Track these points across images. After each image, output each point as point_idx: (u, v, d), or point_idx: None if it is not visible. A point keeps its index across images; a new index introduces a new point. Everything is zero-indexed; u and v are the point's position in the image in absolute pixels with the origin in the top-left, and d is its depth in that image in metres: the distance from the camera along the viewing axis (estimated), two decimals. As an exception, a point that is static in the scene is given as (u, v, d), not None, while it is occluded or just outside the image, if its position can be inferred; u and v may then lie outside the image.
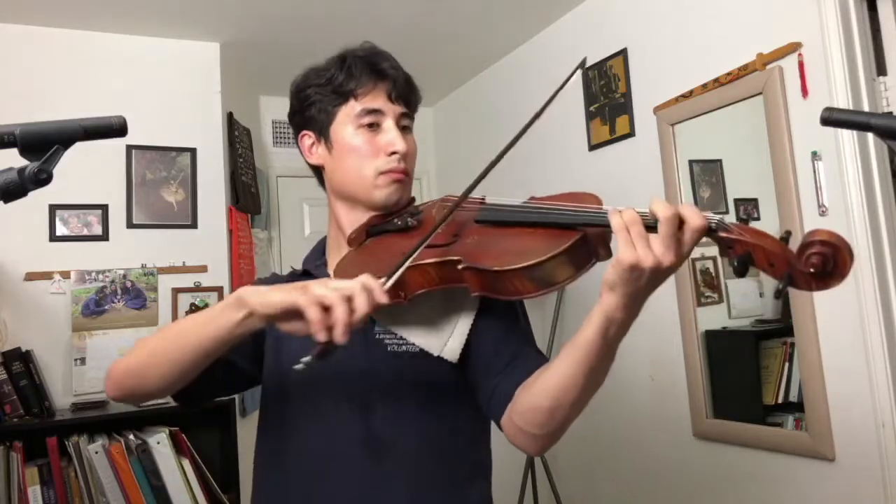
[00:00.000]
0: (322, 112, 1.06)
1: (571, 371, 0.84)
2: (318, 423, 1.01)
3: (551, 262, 0.79)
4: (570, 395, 0.85)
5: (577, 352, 0.82)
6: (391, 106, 1.04)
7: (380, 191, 1.04)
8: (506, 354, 0.98)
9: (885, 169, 1.87)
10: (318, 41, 2.99)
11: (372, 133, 1.04)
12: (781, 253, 0.72)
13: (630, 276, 0.75)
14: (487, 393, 0.98)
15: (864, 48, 1.89)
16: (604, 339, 0.80)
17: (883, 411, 1.77)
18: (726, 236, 0.74)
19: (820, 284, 0.72)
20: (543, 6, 2.82)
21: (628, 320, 0.80)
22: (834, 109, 0.80)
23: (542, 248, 0.80)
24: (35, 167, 0.67)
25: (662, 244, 0.74)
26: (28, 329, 2.49)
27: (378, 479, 0.97)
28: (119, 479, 2.20)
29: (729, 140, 2.30)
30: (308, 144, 1.10)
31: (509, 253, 0.83)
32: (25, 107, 2.52)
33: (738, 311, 2.31)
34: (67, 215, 2.63)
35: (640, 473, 2.59)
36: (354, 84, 1.03)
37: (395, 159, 1.03)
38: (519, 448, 0.96)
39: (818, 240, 0.69)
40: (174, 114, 2.84)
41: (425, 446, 0.99)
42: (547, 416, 0.88)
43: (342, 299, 0.77)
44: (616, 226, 0.75)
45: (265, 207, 3.45)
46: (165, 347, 0.94)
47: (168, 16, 2.68)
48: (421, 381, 0.99)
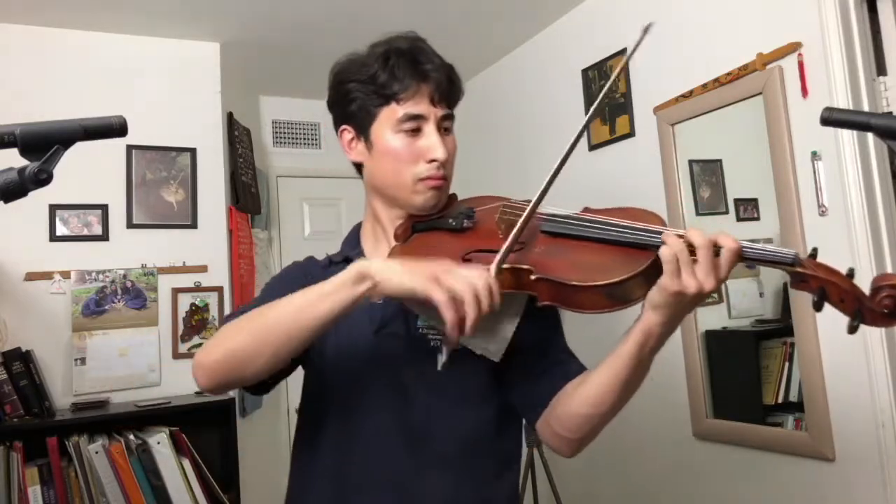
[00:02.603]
0: (363, 110, 1.05)
1: (610, 381, 0.90)
2: (359, 410, 1.03)
3: (630, 282, 0.84)
4: (607, 403, 0.91)
5: (617, 364, 0.88)
6: (433, 109, 1.03)
7: (418, 196, 1.04)
8: (546, 360, 1.03)
9: (885, 169, 1.87)
10: (319, 41, 3.01)
11: (413, 138, 1.03)
12: (852, 291, 0.79)
13: (674, 300, 0.81)
14: (524, 395, 1.03)
15: (864, 48, 1.89)
16: (642, 352, 0.87)
17: (883, 411, 1.77)
18: (802, 271, 0.81)
19: (888, 323, 0.79)
20: (543, 6, 2.82)
21: (666, 336, 0.87)
22: (834, 109, 0.80)
23: (620, 266, 0.84)
24: (35, 167, 0.67)
25: (703, 270, 0.80)
26: (28, 329, 2.49)
27: (414, 469, 1.00)
28: (119, 479, 2.20)
29: (729, 140, 2.30)
30: (348, 139, 1.09)
31: (584, 268, 0.86)
32: (25, 107, 2.52)
33: (738, 311, 2.31)
34: (67, 215, 2.63)
35: (639, 473, 2.59)
36: (398, 87, 1.01)
37: (435, 166, 1.03)
38: (553, 450, 1.02)
39: (890, 283, 0.77)
40: (174, 114, 2.84)
41: (461, 439, 1.02)
42: (584, 422, 0.95)
43: (474, 297, 0.79)
44: (665, 256, 0.80)
45: (265, 207, 3.45)
46: (278, 327, 0.89)
47: (168, 16, 2.68)
48: (459, 377, 1.01)
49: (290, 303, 0.89)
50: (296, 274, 1.13)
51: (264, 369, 0.92)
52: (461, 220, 1.03)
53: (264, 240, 3.44)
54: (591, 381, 0.93)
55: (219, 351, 0.93)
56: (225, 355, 0.92)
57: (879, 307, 0.77)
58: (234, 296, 2.89)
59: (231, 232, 2.93)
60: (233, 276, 2.89)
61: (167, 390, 2.65)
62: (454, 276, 0.81)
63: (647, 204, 1.01)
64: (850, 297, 0.79)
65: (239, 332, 0.92)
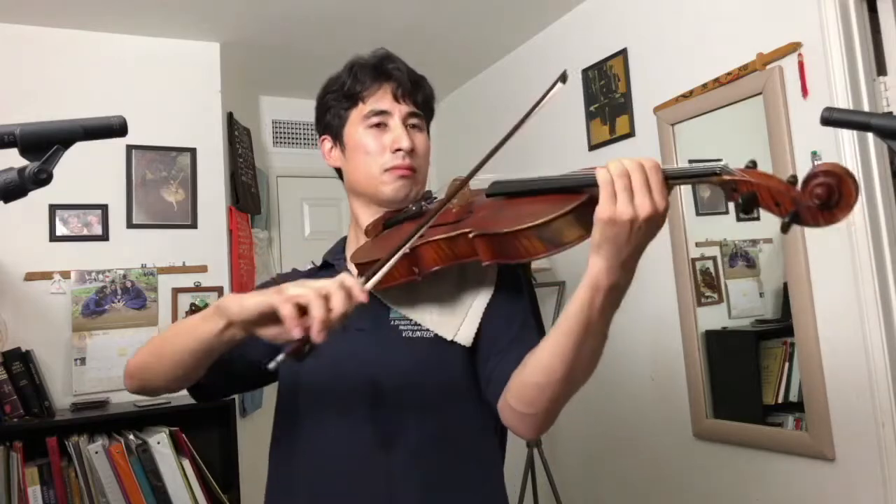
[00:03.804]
0: (336, 116, 1.12)
1: (560, 344, 0.83)
2: (331, 408, 1.02)
3: (558, 222, 0.80)
4: (560, 370, 0.84)
5: (566, 324, 0.82)
6: (397, 105, 1.09)
7: (386, 186, 1.07)
8: (508, 335, 0.99)
9: (885, 169, 1.87)
10: (318, 41, 3.01)
11: (379, 132, 1.08)
12: (786, 191, 0.72)
13: (612, 231, 0.75)
14: (487, 374, 0.98)
15: (864, 48, 1.89)
16: (591, 308, 0.79)
17: (883, 411, 1.77)
18: (730, 179, 0.75)
19: (827, 217, 0.70)
20: (543, 6, 2.82)
21: (616, 289, 0.79)
22: (834, 109, 0.79)
23: (550, 209, 0.82)
24: (35, 167, 0.67)
25: (639, 194, 0.74)
26: (28, 329, 2.49)
27: (389, 471, 0.98)
28: (119, 479, 2.20)
29: (729, 140, 2.30)
30: (327, 148, 1.16)
31: (520, 217, 0.85)
32: (25, 107, 2.52)
33: (738, 311, 2.31)
34: (67, 215, 2.63)
35: (640, 473, 2.59)
36: (360, 87, 1.09)
37: (400, 156, 1.06)
38: (513, 431, 0.96)
39: (821, 171, 0.69)
40: (174, 114, 2.84)
41: (434, 439, 0.99)
42: (537, 393, 0.87)
43: (319, 298, 0.76)
44: (602, 180, 0.76)
45: (265, 207, 3.45)
46: (164, 347, 0.97)
47: (168, 16, 2.68)
48: (434, 368, 1.00)
49: (180, 326, 0.97)
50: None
51: (167, 381, 0.99)
52: (419, 205, 1.05)
53: (264, 240, 3.44)
54: (542, 348, 0.87)
55: (135, 359, 1.03)
56: (137, 364, 1.02)
57: (811, 199, 0.69)
58: (234, 296, 2.89)
59: (231, 232, 2.93)
60: (233, 276, 2.89)
61: (167, 390, 2.65)
62: (300, 285, 0.78)
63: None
64: (785, 198, 0.72)
65: (150, 345, 1.02)
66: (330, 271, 1.14)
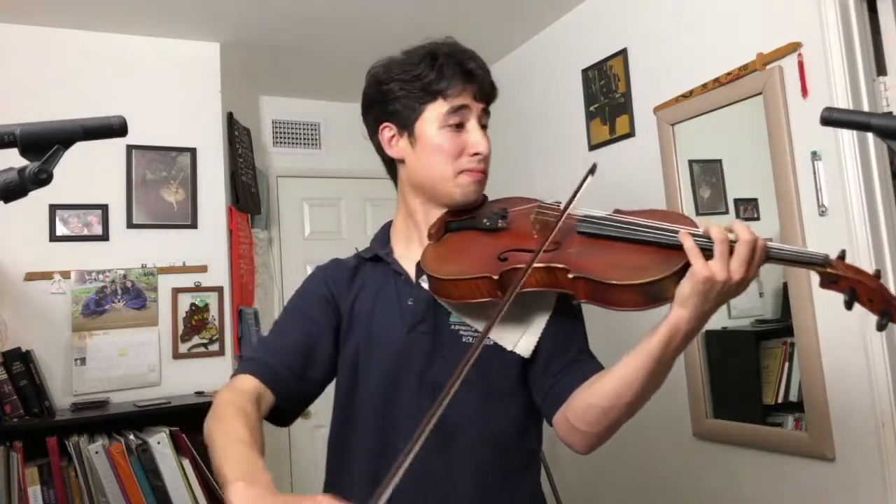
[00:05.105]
0: (407, 108, 1.09)
1: (631, 376, 0.91)
2: (391, 405, 1.05)
3: (666, 281, 0.86)
4: (626, 398, 0.92)
5: (640, 359, 0.90)
6: (476, 105, 1.09)
7: (460, 189, 1.08)
8: (567, 356, 1.05)
9: (885, 169, 1.87)
10: (319, 41, 3.01)
11: (456, 132, 1.08)
12: (880, 290, 0.83)
13: (703, 287, 0.84)
14: (545, 390, 1.04)
15: (864, 48, 1.88)
16: (666, 349, 0.88)
17: (883, 411, 1.77)
18: (833, 272, 0.85)
19: None
20: (543, 6, 2.82)
21: (691, 334, 0.88)
22: (834, 109, 0.80)
23: (655, 266, 0.87)
24: (35, 167, 0.67)
25: (737, 261, 0.84)
26: (28, 329, 2.49)
27: (442, 465, 1.01)
28: (119, 479, 2.20)
29: (729, 140, 2.30)
30: (388, 136, 1.12)
31: (620, 267, 0.89)
32: (25, 107, 2.52)
33: (738, 311, 2.31)
34: (67, 215, 2.63)
35: (640, 473, 2.59)
36: (445, 84, 1.06)
37: (477, 160, 1.08)
38: (568, 445, 1.03)
39: None
40: (174, 114, 2.84)
41: (487, 436, 1.05)
42: (601, 415, 0.95)
43: None
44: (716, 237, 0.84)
45: (265, 207, 3.45)
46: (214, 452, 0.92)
47: (168, 16, 2.68)
48: (489, 373, 1.04)
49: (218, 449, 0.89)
50: (315, 288, 1.15)
51: None
52: (496, 220, 1.06)
53: (264, 240, 3.43)
54: (611, 374, 0.94)
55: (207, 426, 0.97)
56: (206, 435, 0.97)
57: None
58: (233, 296, 2.89)
59: (231, 232, 2.93)
60: (233, 276, 2.89)
61: (167, 390, 2.65)
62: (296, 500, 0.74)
63: (647, 204, 1.02)
64: (878, 297, 0.82)
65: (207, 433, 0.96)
66: (379, 266, 1.15)
